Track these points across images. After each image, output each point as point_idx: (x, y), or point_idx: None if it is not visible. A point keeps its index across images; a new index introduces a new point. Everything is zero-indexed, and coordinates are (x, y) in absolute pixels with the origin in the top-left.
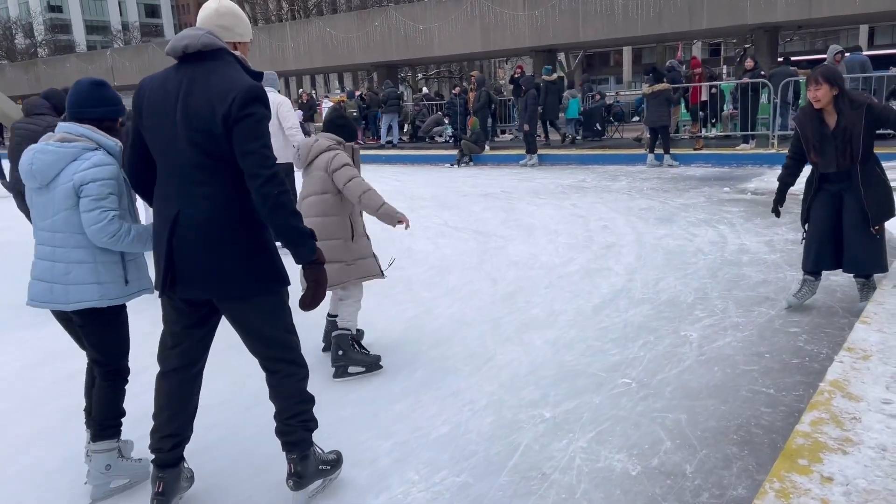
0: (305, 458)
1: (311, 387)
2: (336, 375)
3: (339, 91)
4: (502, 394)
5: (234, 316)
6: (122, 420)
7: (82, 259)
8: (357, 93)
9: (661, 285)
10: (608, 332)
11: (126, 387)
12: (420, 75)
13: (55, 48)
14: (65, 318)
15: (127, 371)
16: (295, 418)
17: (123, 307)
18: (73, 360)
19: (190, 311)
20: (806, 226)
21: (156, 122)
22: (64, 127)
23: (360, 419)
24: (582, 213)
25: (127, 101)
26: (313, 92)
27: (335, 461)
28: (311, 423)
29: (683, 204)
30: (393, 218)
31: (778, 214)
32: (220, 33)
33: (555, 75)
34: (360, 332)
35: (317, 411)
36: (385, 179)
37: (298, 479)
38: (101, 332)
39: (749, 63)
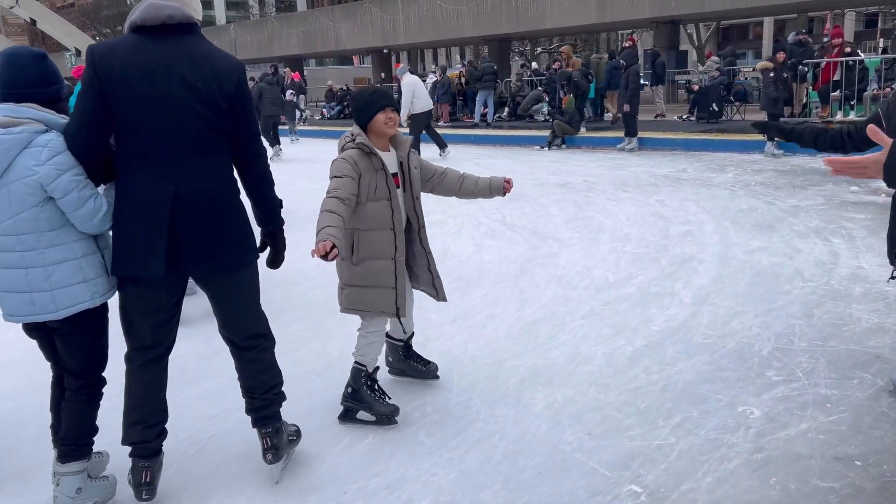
0: (279, 431)
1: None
2: (342, 418)
3: (459, 66)
4: (454, 494)
5: (226, 290)
6: (95, 438)
7: (62, 258)
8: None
9: (734, 325)
10: (638, 398)
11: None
12: (539, 49)
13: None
14: (38, 329)
15: (104, 383)
16: (271, 391)
17: (107, 307)
18: None
19: (174, 290)
20: None
21: (140, 93)
22: (5, 109)
23: None
24: (666, 213)
25: None
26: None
27: (297, 431)
28: (283, 396)
29: (794, 206)
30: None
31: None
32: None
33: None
34: (408, 350)
35: None
36: (464, 163)
37: (276, 451)
38: (87, 338)
39: None
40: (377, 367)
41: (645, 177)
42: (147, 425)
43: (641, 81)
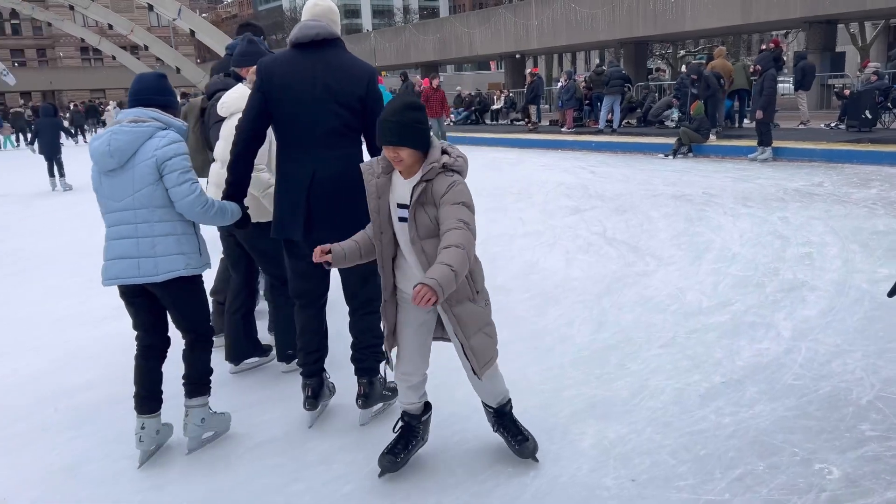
0: (372, 384)
1: None
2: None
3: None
4: None
5: None
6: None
7: (167, 231)
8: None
9: (834, 366)
10: (699, 442)
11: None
12: (682, 52)
13: (346, 31)
14: (141, 295)
15: (212, 333)
16: (368, 349)
17: (202, 277)
18: None
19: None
20: None
21: (293, 96)
22: (133, 111)
23: None
24: (786, 233)
25: None
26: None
27: (395, 390)
28: (381, 356)
29: None
30: None
31: None
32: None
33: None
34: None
35: None
36: (579, 170)
37: (366, 398)
38: (191, 301)
39: None
40: (410, 408)
41: (773, 190)
42: (307, 352)
43: (790, 86)
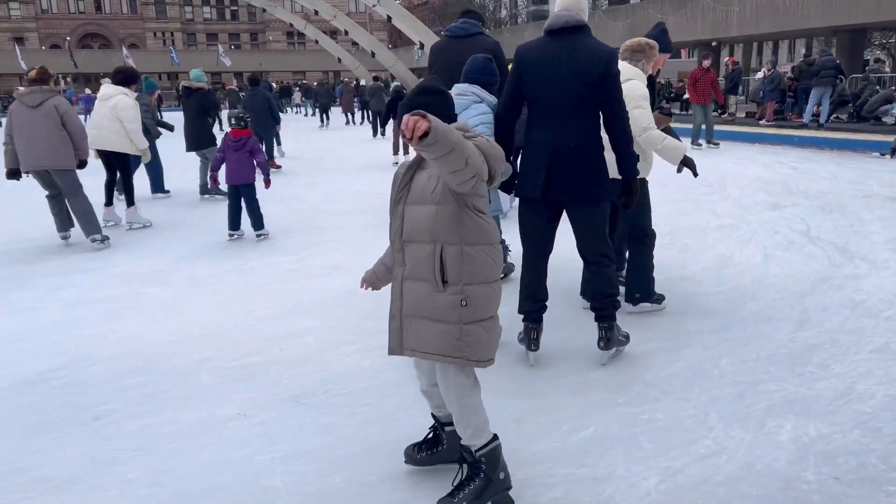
0: (611, 328)
1: None
2: None
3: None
4: (660, 503)
5: (580, 215)
6: None
7: None
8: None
9: None
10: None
11: None
12: None
13: (533, 17)
14: None
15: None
16: (608, 299)
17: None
18: None
19: (550, 211)
20: None
21: (541, 76)
22: (462, 86)
23: None
24: None
25: None
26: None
27: (627, 337)
28: (618, 304)
29: None
30: None
31: None
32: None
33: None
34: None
35: None
36: (778, 165)
37: (607, 341)
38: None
39: None
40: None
41: None
42: (534, 300)
43: None
